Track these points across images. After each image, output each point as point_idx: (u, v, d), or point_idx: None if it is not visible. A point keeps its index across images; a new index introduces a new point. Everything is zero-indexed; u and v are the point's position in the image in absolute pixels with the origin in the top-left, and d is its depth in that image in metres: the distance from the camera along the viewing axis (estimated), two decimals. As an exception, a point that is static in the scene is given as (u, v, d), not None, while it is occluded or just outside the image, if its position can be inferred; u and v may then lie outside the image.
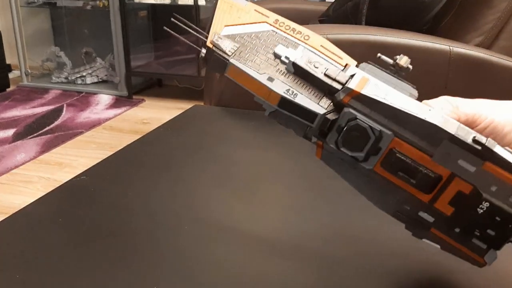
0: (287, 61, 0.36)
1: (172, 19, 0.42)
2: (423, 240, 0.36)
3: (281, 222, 0.56)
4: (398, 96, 0.34)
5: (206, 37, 0.39)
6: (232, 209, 0.58)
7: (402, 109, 0.33)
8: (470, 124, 0.36)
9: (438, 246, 0.36)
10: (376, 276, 0.45)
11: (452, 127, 0.32)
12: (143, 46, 3.11)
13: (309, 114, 0.36)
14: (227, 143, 0.78)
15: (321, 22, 1.45)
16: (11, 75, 3.11)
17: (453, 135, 0.32)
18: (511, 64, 0.99)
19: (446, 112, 0.35)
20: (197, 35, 0.40)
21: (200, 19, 2.74)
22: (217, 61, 0.38)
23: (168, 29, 0.42)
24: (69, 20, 3.16)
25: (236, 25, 0.39)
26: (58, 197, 0.60)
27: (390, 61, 0.36)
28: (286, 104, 0.36)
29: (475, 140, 0.32)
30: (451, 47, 0.98)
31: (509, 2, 1.08)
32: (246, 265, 0.48)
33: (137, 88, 2.95)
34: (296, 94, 0.36)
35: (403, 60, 0.36)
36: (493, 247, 0.34)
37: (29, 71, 3.06)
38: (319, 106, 0.35)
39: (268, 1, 1.76)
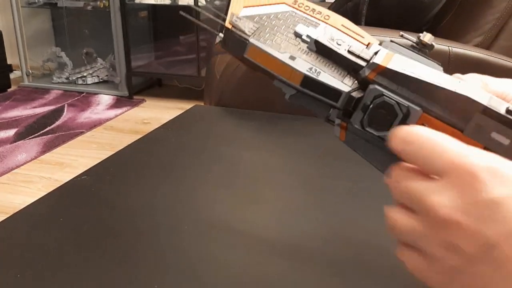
0: (308, 39, 0.36)
1: (181, 12, 0.41)
2: None
3: (281, 222, 0.56)
4: (426, 70, 0.32)
5: (224, 20, 0.38)
6: (232, 209, 0.58)
7: (431, 82, 0.32)
8: None
9: None
10: (376, 276, 0.45)
11: (484, 98, 0.31)
12: (144, 46, 3.11)
13: (333, 93, 0.34)
14: (227, 143, 0.78)
15: (321, 22, 1.45)
16: (12, 75, 3.11)
17: (485, 106, 0.31)
18: (510, 64, 0.99)
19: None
20: (214, 18, 0.39)
21: (200, 19, 2.74)
22: (236, 42, 0.37)
23: (184, 14, 0.42)
24: (70, 21, 3.16)
25: (255, 6, 0.38)
26: (58, 197, 0.60)
27: (414, 39, 0.35)
28: (309, 83, 0.35)
29: (509, 111, 0.30)
30: (450, 47, 0.98)
31: (508, 2, 1.08)
32: (247, 265, 0.48)
33: (137, 88, 2.95)
34: (319, 72, 0.35)
35: (427, 37, 0.35)
36: None
37: (30, 71, 3.07)
38: (344, 84, 0.34)
39: (268, 1, 1.76)
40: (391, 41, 0.36)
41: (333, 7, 1.43)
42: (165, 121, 0.87)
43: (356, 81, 0.34)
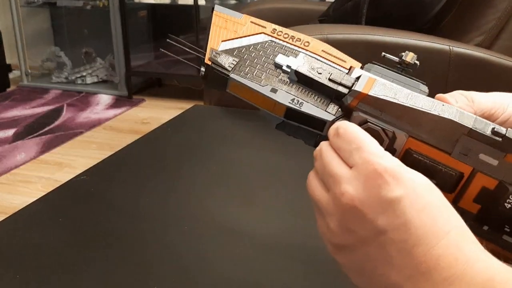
0: (289, 70, 0.35)
1: (168, 40, 0.41)
2: None
3: (280, 222, 0.55)
4: (409, 94, 0.32)
5: (203, 54, 0.38)
6: (232, 208, 0.58)
7: (414, 107, 0.32)
8: (488, 118, 0.35)
9: None
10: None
11: (468, 121, 0.31)
12: (143, 46, 3.11)
13: (317, 122, 0.35)
14: (227, 143, 0.78)
15: (321, 22, 1.45)
16: (11, 75, 3.11)
17: (470, 128, 0.31)
18: (511, 63, 0.99)
19: (460, 105, 0.34)
20: (194, 53, 0.39)
21: (200, 19, 2.73)
22: (217, 77, 0.37)
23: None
24: (69, 20, 3.16)
25: (233, 39, 0.38)
26: (58, 197, 0.60)
27: (396, 59, 0.35)
28: (292, 114, 0.35)
29: (494, 132, 0.31)
30: (451, 47, 0.98)
31: (509, 2, 1.08)
32: (246, 265, 0.47)
33: (137, 88, 2.95)
34: (302, 103, 0.35)
35: (409, 57, 0.35)
36: None
37: (29, 71, 3.06)
38: (327, 112, 0.34)
39: (268, 1, 1.76)
40: (373, 63, 0.36)
41: (333, 7, 1.43)
42: (164, 121, 0.87)
43: (339, 109, 0.34)
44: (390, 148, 0.33)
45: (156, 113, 2.65)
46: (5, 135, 2.29)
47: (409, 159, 0.33)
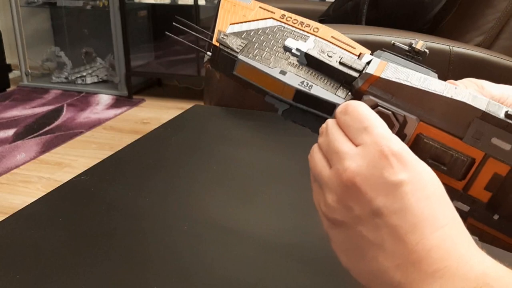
0: (298, 53, 0.35)
1: (174, 23, 0.40)
2: None
3: (280, 221, 0.55)
4: (421, 77, 0.32)
5: (211, 38, 0.37)
6: (232, 208, 0.58)
7: (427, 90, 0.31)
8: None
9: (476, 238, 0.34)
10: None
11: (482, 103, 0.30)
12: (143, 45, 3.11)
13: (326, 106, 0.34)
14: (227, 143, 0.78)
15: (321, 22, 1.45)
16: (11, 75, 3.11)
17: (484, 111, 0.30)
18: (511, 63, 0.99)
19: (471, 91, 0.33)
20: (201, 36, 0.39)
21: (200, 19, 2.73)
22: (224, 59, 0.36)
23: (170, 34, 0.41)
24: (69, 20, 3.16)
25: (242, 22, 0.37)
26: (58, 197, 0.60)
27: (405, 47, 0.35)
28: (301, 97, 0.34)
29: (508, 115, 0.30)
30: (451, 47, 0.98)
31: (509, 2, 1.08)
32: (246, 265, 0.47)
33: (137, 88, 2.94)
34: (311, 86, 0.34)
35: (419, 44, 0.34)
36: None
37: (29, 71, 3.06)
38: (337, 96, 0.34)
39: (268, 1, 1.76)
40: (383, 50, 0.35)
41: (333, 7, 1.43)
42: (164, 121, 0.87)
43: (349, 93, 0.34)
44: (401, 133, 0.32)
45: (156, 113, 2.65)
46: (5, 135, 2.29)
47: (420, 144, 0.32)
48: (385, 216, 0.29)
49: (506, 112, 0.30)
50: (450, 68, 0.98)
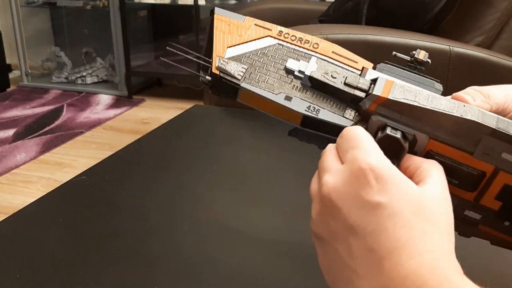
0: (301, 75, 0.34)
1: (168, 47, 0.39)
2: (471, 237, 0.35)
3: (280, 221, 0.55)
4: (429, 96, 0.31)
5: (207, 62, 0.36)
6: (231, 208, 0.58)
7: (436, 109, 0.31)
8: (501, 112, 0.35)
9: (488, 242, 0.34)
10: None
11: (491, 121, 0.31)
12: (143, 45, 3.11)
13: (335, 129, 0.33)
14: (227, 143, 0.78)
15: (321, 22, 1.45)
16: (11, 75, 3.11)
17: (494, 128, 0.30)
18: (511, 63, 0.99)
19: (477, 103, 0.34)
20: (200, 62, 0.37)
21: (200, 19, 2.73)
22: (226, 87, 0.35)
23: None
24: (69, 20, 3.16)
25: (239, 44, 0.36)
26: (58, 197, 0.60)
27: (407, 57, 0.35)
28: (309, 122, 0.34)
29: None
30: (451, 47, 0.98)
31: (509, 2, 1.08)
32: (247, 265, 0.47)
33: (137, 88, 2.95)
34: (318, 110, 0.34)
35: (421, 55, 0.34)
36: None
37: (29, 71, 3.06)
38: (344, 118, 0.33)
39: (268, 1, 1.76)
40: (386, 62, 0.35)
41: (333, 7, 1.43)
42: (164, 121, 0.87)
43: (357, 113, 0.33)
44: (411, 151, 0.32)
45: (156, 113, 2.65)
46: (5, 135, 2.29)
47: None
48: (360, 236, 0.28)
49: None
50: (450, 68, 0.98)
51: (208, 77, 0.36)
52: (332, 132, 0.34)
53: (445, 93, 0.39)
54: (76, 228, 0.53)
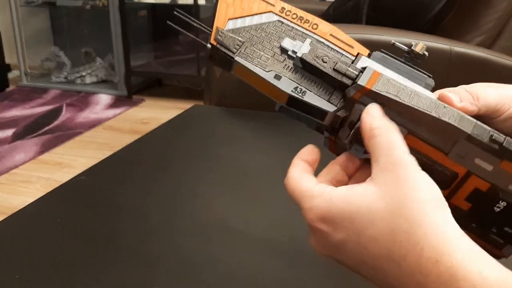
0: (294, 55, 0.35)
1: (175, 12, 0.40)
2: None
3: (280, 221, 0.55)
4: (411, 93, 0.32)
5: (209, 31, 0.37)
6: (231, 208, 0.58)
7: (415, 107, 0.32)
8: (492, 114, 0.35)
9: None
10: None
11: (468, 126, 0.31)
12: (143, 45, 3.11)
13: (319, 112, 0.34)
14: (227, 143, 0.78)
15: (321, 21, 1.45)
16: (10, 75, 3.11)
17: (469, 134, 0.31)
18: (511, 63, 0.99)
19: (464, 104, 0.34)
20: (203, 28, 0.38)
21: (200, 19, 2.73)
22: (222, 59, 0.36)
23: (172, 24, 0.41)
24: (69, 20, 3.16)
25: (240, 17, 0.37)
26: (57, 197, 0.60)
27: (405, 48, 0.35)
28: (294, 102, 0.35)
29: (492, 140, 0.31)
30: (451, 47, 0.98)
31: (509, 2, 1.08)
32: (247, 265, 0.47)
33: (136, 88, 2.94)
34: (304, 92, 0.34)
35: (419, 47, 0.35)
36: (510, 243, 0.34)
37: (29, 71, 3.06)
38: (329, 103, 0.34)
39: (268, 0, 1.75)
40: (382, 51, 0.35)
41: (333, 7, 1.43)
42: (164, 121, 0.87)
43: (342, 99, 0.34)
44: None
45: (156, 113, 2.65)
46: (5, 135, 2.29)
47: None
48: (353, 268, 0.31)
49: (491, 136, 0.31)
50: (450, 67, 0.98)
51: (209, 45, 0.37)
52: (315, 114, 0.35)
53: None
54: (76, 228, 0.53)
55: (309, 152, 0.35)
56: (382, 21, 1.13)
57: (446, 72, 0.98)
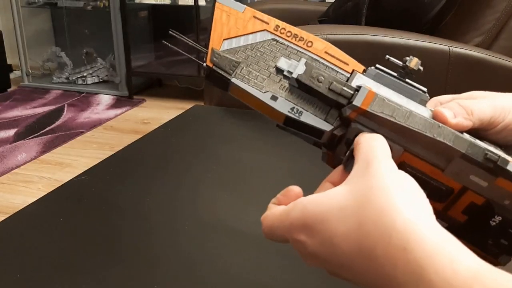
0: (289, 76, 0.35)
1: (170, 32, 0.40)
2: None
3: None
4: (406, 113, 0.33)
5: (207, 52, 0.37)
6: (231, 208, 0.58)
7: (411, 128, 0.32)
8: (487, 126, 0.35)
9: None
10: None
11: (463, 145, 0.32)
12: (144, 46, 3.11)
13: (316, 131, 0.35)
14: (227, 143, 0.78)
15: (320, 22, 1.45)
16: (12, 76, 3.11)
17: (463, 153, 0.32)
18: (511, 64, 0.99)
19: (458, 120, 0.34)
20: (200, 48, 0.38)
21: (200, 19, 2.73)
22: (219, 79, 0.37)
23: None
24: (70, 21, 3.16)
25: (235, 37, 0.37)
26: (58, 197, 0.60)
27: (400, 63, 0.35)
28: (291, 122, 0.35)
29: (486, 158, 0.32)
30: (450, 47, 0.98)
31: (508, 2, 1.08)
32: (246, 265, 0.48)
33: (137, 88, 2.95)
34: (301, 112, 0.35)
35: (413, 63, 0.35)
36: (506, 253, 0.34)
37: (30, 71, 3.07)
38: (326, 122, 0.35)
39: (268, 1, 1.76)
40: (376, 67, 0.35)
41: (333, 7, 1.43)
42: (165, 121, 0.87)
43: (338, 118, 0.35)
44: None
45: (156, 113, 2.65)
46: (6, 135, 2.30)
47: (403, 171, 0.33)
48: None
49: (485, 155, 0.32)
50: (450, 68, 0.98)
51: (205, 65, 0.37)
52: (312, 133, 0.35)
53: (443, 93, 0.39)
54: (76, 228, 0.53)
55: (283, 198, 0.36)
56: (381, 22, 1.13)
57: (445, 73, 0.99)
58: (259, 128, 0.85)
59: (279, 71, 0.36)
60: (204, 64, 0.37)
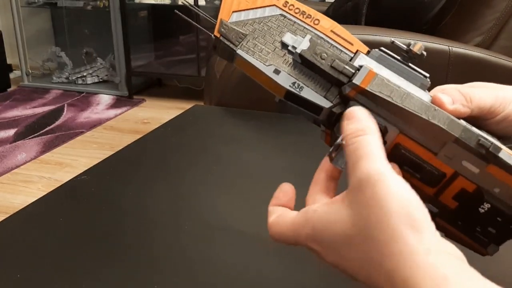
0: (293, 51, 0.36)
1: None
2: None
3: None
4: (403, 94, 0.33)
5: (215, 23, 0.38)
6: (232, 209, 0.58)
7: (406, 108, 0.33)
8: (486, 115, 0.35)
9: (443, 234, 0.36)
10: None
11: (457, 129, 0.32)
12: (144, 46, 3.11)
13: (315, 107, 0.35)
14: (227, 143, 0.78)
15: (321, 22, 1.45)
16: (12, 75, 3.11)
17: (457, 137, 0.32)
18: (511, 64, 0.99)
19: (456, 107, 0.34)
20: (209, 18, 0.39)
21: (200, 19, 2.74)
22: (225, 50, 0.37)
23: (180, 14, 0.42)
24: (70, 20, 3.16)
25: (245, 10, 0.38)
26: (58, 197, 0.60)
27: (404, 47, 0.36)
28: (292, 96, 0.36)
29: (479, 144, 0.32)
30: (450, 47, 0.99)
31: (508, 2, 1.08)
32: (247, 265, 0.48)
33: (137, 88, 2.95)
34: (302, 88, 0.35)
35: (417, 47, 0.35)
36: (494, 242, 0.34)
37: (30, 71, 3.07)
38: (325, 99, 0.35)
39: (268, 1, 1.75)
40: (380, 49, 0.36)
41: (333, 7, 1.43)
42: (165, 121, 0.87)
43: (338, 96, 0.35)
44: (382, 139, 0.34)
45: (156, 113, 2.65)
46: (6, 135, 2.30)
47: (397, 153, 0.34)
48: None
49: (478, 140, 0.32)
50: (450, 68, 0.98)
51: (213, 36, 0.38)
52: (312, 109, 0.36)
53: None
54: (76, 228, 0.53)
55: (281, 195, 0.37)
56: (381, 22, 1.13)
57: (445, 73, 0.99)
58: (259, 128, 0.85)
59: (284, 46, 0.37)
60: (212, 35, 0.38)
